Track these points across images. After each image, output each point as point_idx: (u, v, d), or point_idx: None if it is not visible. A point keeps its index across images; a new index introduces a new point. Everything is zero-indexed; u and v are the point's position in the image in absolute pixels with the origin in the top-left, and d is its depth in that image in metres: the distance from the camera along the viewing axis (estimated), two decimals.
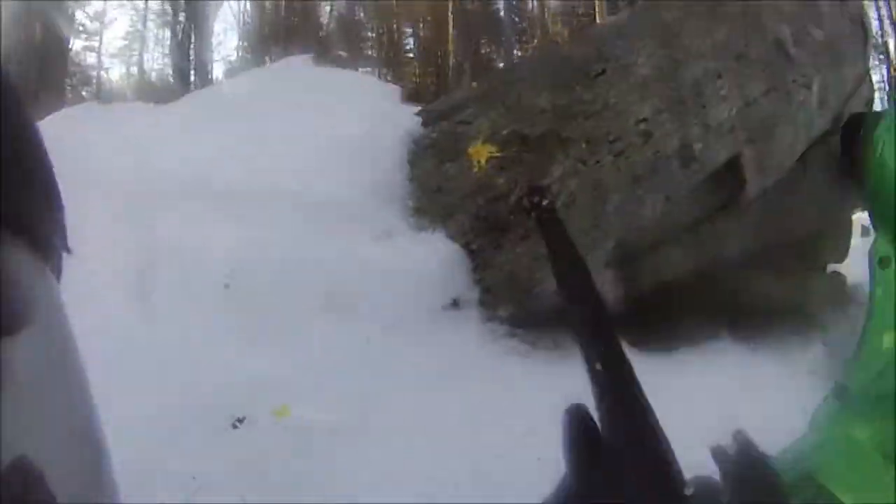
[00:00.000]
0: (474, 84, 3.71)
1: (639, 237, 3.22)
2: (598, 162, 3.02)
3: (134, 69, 46.28)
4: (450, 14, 19.74)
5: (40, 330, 0.71)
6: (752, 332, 3.19)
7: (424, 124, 3.39)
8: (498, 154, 3.00)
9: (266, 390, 2.24)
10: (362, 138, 3.23)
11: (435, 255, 2.81)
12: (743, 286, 3.43)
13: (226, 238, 2.73)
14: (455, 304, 2.79)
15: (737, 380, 2.67)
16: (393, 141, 3.26)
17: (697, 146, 3.26)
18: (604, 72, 3.25)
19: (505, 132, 3.08)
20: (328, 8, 48.16)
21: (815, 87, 3.86)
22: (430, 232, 2.93)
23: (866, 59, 5.47)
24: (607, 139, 3.06)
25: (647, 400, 1.10)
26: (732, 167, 3.43)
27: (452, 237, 2.92)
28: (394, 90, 4.24)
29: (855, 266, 4.33)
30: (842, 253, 4.29)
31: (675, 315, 3.03)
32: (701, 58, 3.44)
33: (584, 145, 3.03)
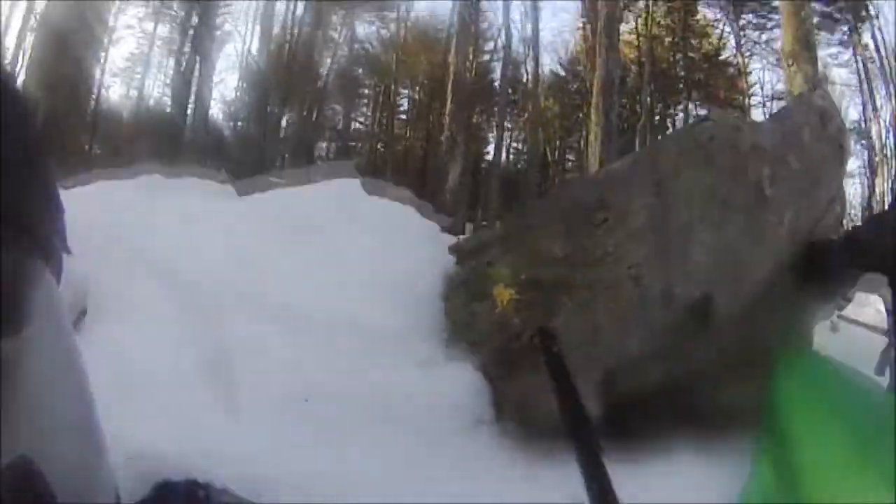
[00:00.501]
0: (498, 224, 4.11)
1: (622, 364, 3.49)
2: (594, 306, 3.38)
3: (134, 92, 45.63)
4: (449, 88, 19.78)
5: (40, 330, 0.82)
6: (714, 437, 3.33)
7: (457, 262, 3.77)
8: (517, 297, 3.40)
9: (326, 485, 2.52)
10: (406, 273, 3.61)
11: (463, 383, 3.19)
12: (708, 397, 3.60)
13: (292, 352, 3.05)
14: (479, 423, 3.16)
15: (694, 479, 2.95)
16: (432, 277, 3.65)
17: (677, 288, 3.56)
18: (605, 220, 3.60)
19: (523, 277, 3.47)
20: (328, 61, 48.02)
21: (786, 220, 4.03)
22: (461, 361, 3.29)
23: (841, 178, 5.72)
24: (604, 285, 3.41)
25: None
26: (705, 302, 3.63)
27: (477, 367, 3.28)
28: (432, 226, 4.56)
29: None
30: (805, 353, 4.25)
31: (646, 424, 3.31)
32: (689, 206, 3.74)
33: (585, 291, 3.40)
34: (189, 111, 43.28)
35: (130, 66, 44.31)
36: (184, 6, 47.14)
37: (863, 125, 44.66)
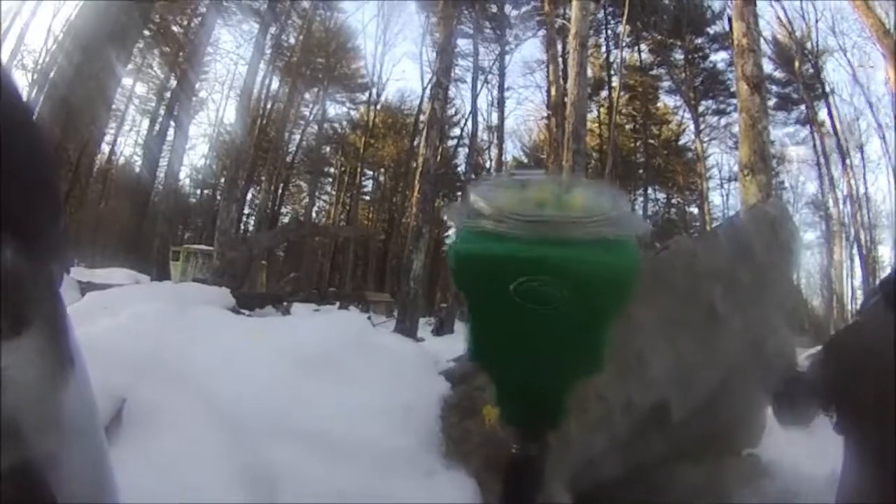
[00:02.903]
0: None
1: (587, 462, 3.95)
2: (566, 421, 3.83)
3: (106, 148, 44.95)
4: (417, 178, 19.82)
5: (42, 333, 0.85)
6: None
7: (451, 387, 4.26)
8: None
9: None
10: (408, 397, 4.06)
11: (459, 488, 3.61)
12: (667, 479, 4.15)
13: (319, 467, 3.38)
14: None
15: None
16: (431, 400, 4.09)
17: (636, 398, 4.02)
18: None
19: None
20: (298, 137, 47.78)
21: (736, 328, 4.51)
22: (457, 470, 3.71)
23: (791, 278, 6.11)
24: (574, 403, 3.87)
25: None
26: (661, 406, 4.15)
27: (471, 474, 3.71)
28: (430, 360, 4.91)
29: (769, 447, 4.87)
30: (756, 438, 4.84)
31: None
32: (648, 329, 4.16)
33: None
34: (159, 173, 43.13)
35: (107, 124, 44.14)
36: (164, 69, 47.33)
37: (820, 198, 45.51)
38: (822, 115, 44.08)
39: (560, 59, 39.32)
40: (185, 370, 3.83)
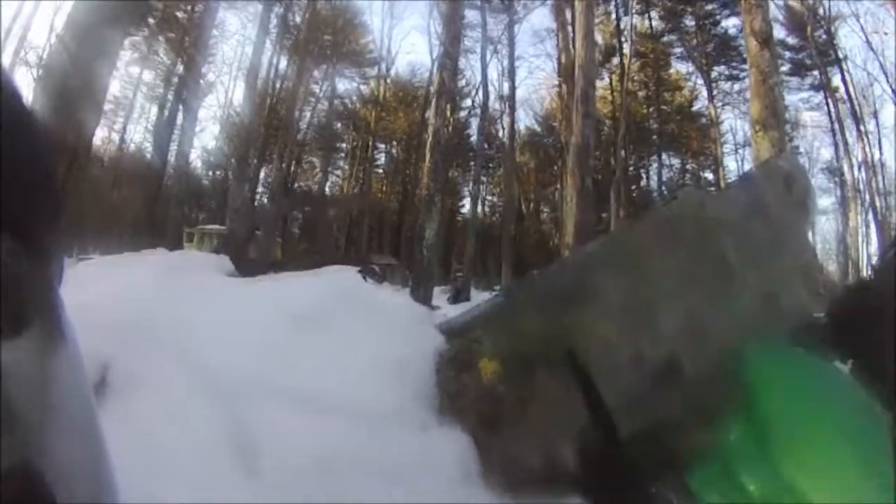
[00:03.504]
0: (482, 304, 4.45)
1: (595, 420, 3.79)
2: (570, 372, 3.72)
3: (116, 136, 45.35)
4: (428, 146, 19.80)
5: (41, 332, 0.82)
6: (684, 476, 3.56)
7: (447, 340, 4.13)
8: (500, 369, 3.77)
9: None
10: (403, 352, 3.93)
11: (454, 443, 3.51)
12: (682, 442, 3.80)
13: (307, 425, 3.29)
14: (468, 477, 3.47)
15: None
16: (425, 354, 3.96)
17: (646, 352, 3.88)
18: (580, 300, 3.95)
19: (505, 351, 3.82)
20: (308, 115, 47.91)
21: (752, 284, 4.32)
22: (452, 425, 3.61)
23: (807, 236, 5.74)
24: (577, 355, 3.74)
25: None
26: (673, 362, 3.95)
27: (466, 429, 3.60)
28: (425, 311, 4.90)
29: None
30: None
31: (625, 470, 3.65)
32: (657, 281, 4.08)
33: (560, 361, 3.73)
34: (169, 158, 43.44)
35: (113, 110, 44.52)
36: (170, 55, 47.59)
37: (835, 163, 45.44)
38: (836, 81, 43.90)
39: (570, 27, 39.21)
40: (172, 333, 3.75)
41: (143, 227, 40.27)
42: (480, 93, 40.89)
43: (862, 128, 41.78)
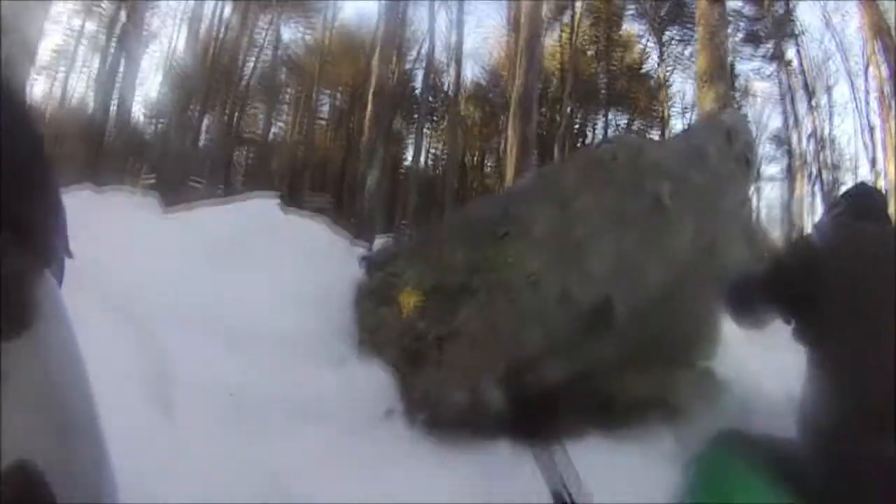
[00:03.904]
0: (408, 237, 4.38)
1: (523, 360, 3.73)
2: (493, 308, 3.65)
3: (58, 89, 44.39)
4: (370, 94, 19.67)
5: (42, 332, 0.85)
6: (621, 426, 3.64)
7: (367, 273, 4.07)
8: (421, 303, 3.71)
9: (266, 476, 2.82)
10: (321, 283, 3.89)
11: (374, 379, 3.45)
12: (615, 387, 3.89)
13: (221, 358, 3.26)
14: (389, 413, 3.44)
15: (600, 469, 3.09)
16: (344, 285, 3.93)
17: (575, 292, 3.81)
18: (507, 233, 3.89)
19: (426, 284, 3.77)
20: (252, 63, 47.32)
21: (687, 229, 4.31)
22: (372, 360, 3.55)
23: (747, 189, 5.82)
24: (502, 289, 3.68)
25: None
26: (604, 304, 3.89)
27: (387, 365, 3.55)
28: (344, 238, 4.84)
29: (725, 362, 4.56)
30: (711, 351, 4.58)
31: (553, 415, 3.48)
32: (589, 219, 4.03)
33: (484, 295, 3.67)
34: (112, 110, 42.70)
35: (54, 62, 43.58)
36: (112, 4, 46.54)
37: (784, 134, 46.01)
38: (791, 54, 44.36)
39: None
40: (84, 268, 3.57)
41: (84, 181, 39.64)
42: (427, 42, 40.68)
43: (814, 102, 42.29)
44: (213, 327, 3.42)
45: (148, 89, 48.55)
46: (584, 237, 4.01)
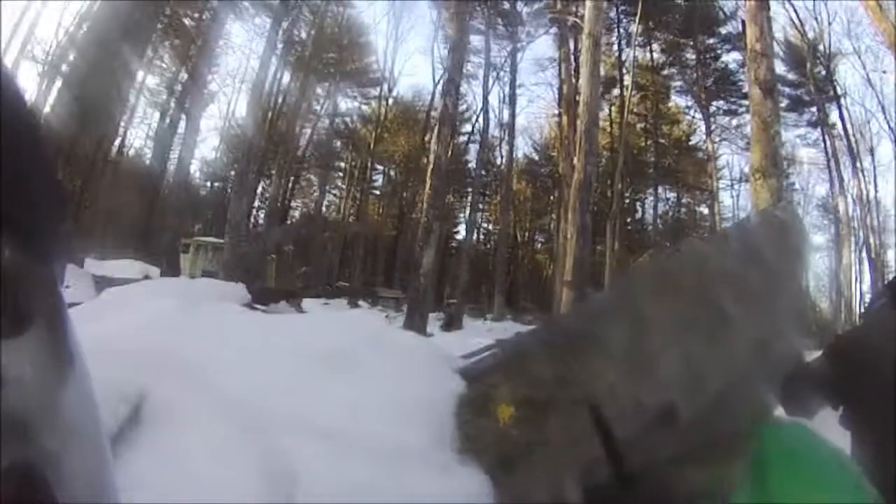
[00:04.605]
0: (496, 351, 4.64)
1: (598, 462, 3.83)
2: (578, 420, 3.84)
3: (117, 140, 45.29)
4: (429, 173, 19.84)
5: (43, 332, 0.85)
6: None
7: (466, 385, 4.33)
8: (515, 414, 3.98)
9: None
10: (425, 396, 4.11)
11: (472, 484, 3.64)
12: (674, 481, 3.96)
13: (337, 463, 3.42)
14: None
15: None
16: (446, 398, 4.15)
17: (645, 399, 4.00)
18: (590, 347, 4.15)
19: (520, 397, 4.02)
20: (308, 131, 48.06)
21: (746, 332, 4.34)
22: (470, 466, 3.73)
23: (800, 284, 6.04)
24: (585, 401, 3.89)
25: None
26: (670, 408, 4.03)
27: (484, 471, 3.73)
28: (448, 356, 5.00)
29: None
30: None
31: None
32: (658, 330, 4.19)
33: (570, 407, 3.92)
34: (169, 166, 43.27)
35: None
36: (175, 62, 47.51)
37: (830, 200, 45.56)
38: (834, 117, 44.13)
39: (571, 57, 39.47)
40: (201, 367, 3.86)
41: (139, 233, 40.24)
42: (481, 119, 41.06)
43: (858, 164, 42.01)
44: (326, 433, 3.60)
45: (205, 150, 49.36)
46: (654, 347, 4.19)
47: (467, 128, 49.25)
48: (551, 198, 50.20)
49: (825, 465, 2.97)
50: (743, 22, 19.55)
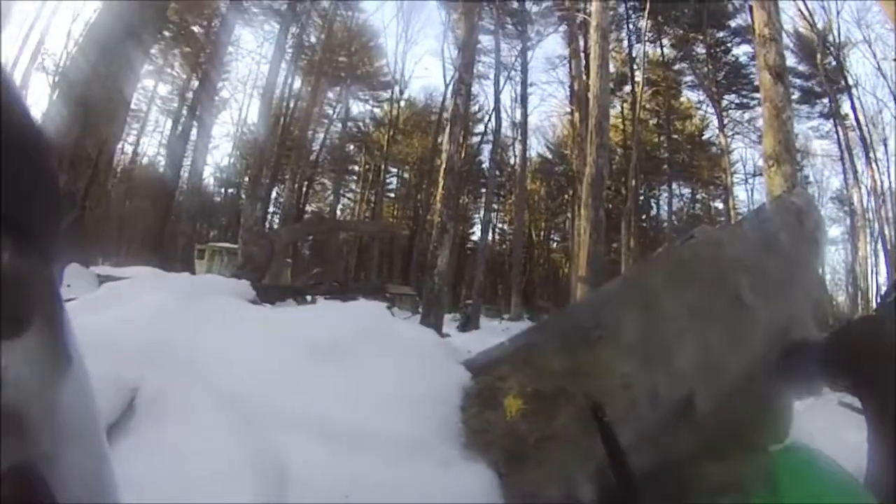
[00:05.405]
0: (505, 342, 4.51)
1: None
2: (589, 410, 3.71)
3: (129, 148, 45.50)
4: (441, 173, 19.85)
5: (42, 333, 0.82)
6: None
7: (472, 377, 4.20)
8: (524, 407, 3.84)
9: None
10: (426, 386, 3.99)
11: (478, 478, 3.53)
12: (692, 474, 3.97)
13: (332, 456, 3.31)
14: None
15: None
16: (451, 390, 4.02)
17: (661, 390, 3.93)
18: (600, 337, 4.02)
19: (529, 389, 3.88)
20: (321, 136, 48.27)
21: (762, 321, 4.38)
22: (476, 461, 3.63)
23: (817, 271, 5.97)
24: (599, 393, 3.77)
25: None
26: (688, 399, 4.01)
27: (490, 465, 3.63)
28: (452, 349, 4.90)
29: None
30: (782, 434, 4.49)
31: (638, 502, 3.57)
32: (673, 319, 4.15)
33: (582, 400, 3.77)
34: (182, 173, 43.65)
35: (127, 123, 44.74)
36: (185, 69, 47.95)
37: (844, 192, 45.43)
38: (846, 107, 43.92)
39: (582, 54, 39.47)
40: (195, 359, 3.80)
41: (154, 240, 40.45)
42: (493, 119, 40.98)
43: (871, 155, 41.80)
44: (324, 426, 3.50)
45: (218, 156, 49.65)
46: (670, 337, 4.12)
47: (480, 128, 49.43)
48: (566, 196, 50.39)
49: (834, 486, 2.93)
50: (751, 7, 19.45)
